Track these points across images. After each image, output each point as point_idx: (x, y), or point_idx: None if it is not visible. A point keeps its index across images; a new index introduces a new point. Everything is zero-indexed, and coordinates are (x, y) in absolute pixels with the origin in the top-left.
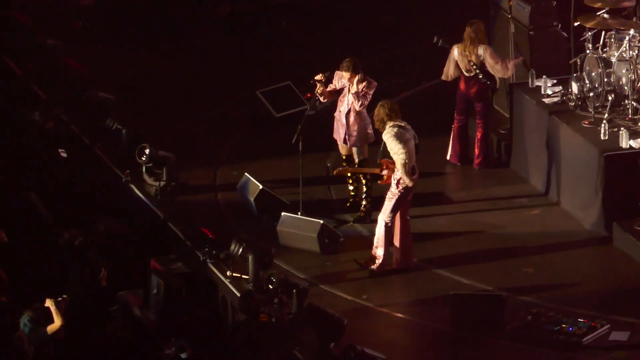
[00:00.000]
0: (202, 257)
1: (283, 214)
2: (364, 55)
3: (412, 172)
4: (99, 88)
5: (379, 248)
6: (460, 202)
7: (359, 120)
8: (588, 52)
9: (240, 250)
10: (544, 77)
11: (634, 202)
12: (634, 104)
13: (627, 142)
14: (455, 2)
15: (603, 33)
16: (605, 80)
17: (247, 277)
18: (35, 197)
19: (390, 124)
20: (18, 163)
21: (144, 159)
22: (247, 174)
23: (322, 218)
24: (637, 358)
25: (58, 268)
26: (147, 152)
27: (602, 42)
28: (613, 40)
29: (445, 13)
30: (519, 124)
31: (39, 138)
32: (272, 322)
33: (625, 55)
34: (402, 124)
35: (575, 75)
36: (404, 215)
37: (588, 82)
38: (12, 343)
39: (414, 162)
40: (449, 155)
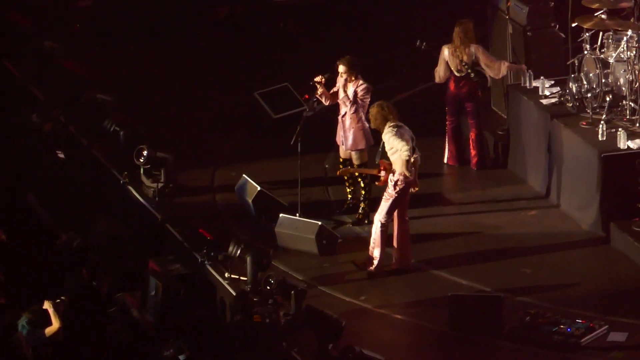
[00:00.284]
0: (200, 258)
1: (281, 216)
2: (362, 56)
3: (409, 170)
4: (97, 89)
5: (376, 249)
6: (458, 203)
7: (355, 124)
8: (586, 53)
9: (239, 252)
10: (542, 78)
11: (632, 202)
12: (632, 105)
13: (625, 142)
14: (454, 2)
15: (601, 34)
16: (603, 81)
17: (245, 278)
18: (34, 198)
19: (390, 124)
20: (16, 164)
21: (142, 161)
22: (245, 176)
23: (320, 219)
24: (635, 359)
25: (56, 270)
26: (145, 153)
27: (599, 43)
28: (611, 41)
29: (444, 14)
30: (517, 125)
31: (37, 140)
32: (265, 322)
33: (623, 56)
34: (400, 124)
35: (573, 76)
36: (402, 216)
37: (586, 83)
38: (10, 345)
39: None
40: (446, 158)
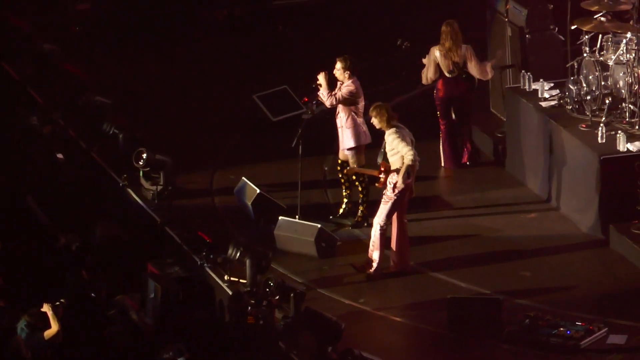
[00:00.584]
0: (199, 261)
1: (280, 218)
2: (361, 58)
3: (407, 175)
4: (96, 92)
5: (375, 251)
6: (457, 205)
7: (344, 122)
8: (585, 55)
9: (238, 254)
10: (541, 80)
11: (631, 205)
12: (631, 107)
13: (624, 145)
14: (452, 5)
15: (600, 36)
16: (603, 84)
17: (244, 281)
18: (32, 200)
19: (393, 125)
20: (15, 167)
21: (141, 163)
22: (244, 178)
23: (319, 222)
24: None
25: (55, 272)
26: (144, 156)
27: (599, 45)
28: (610, 44)
29: (442, 16)
30: (516, 128)
31: (37, 142)
32: (259, 324)
33: (622, 59)
34: (402, 126)
35: (572, 79)
36: (401, 219)
37: (585, 85)
38: (9, 348)
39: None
40: (443, 162)
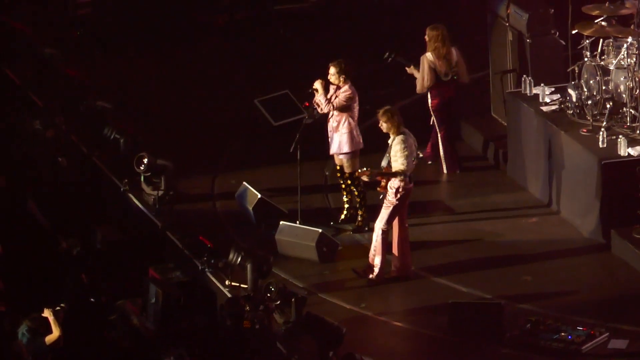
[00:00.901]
0: (200, 266)
1: (281, 223)
2: (362, 63)
3: (408, 180)
4: (97, 97)
5: (377, 256)
6: (459, 210)
7: (340, 127)
8: (586, 59)
9: (239, 259)
10: (542, 85)
11: (632, 209)
12: (632, 112)
13: (625, 150)
14: (452, 10)
15: (601, 41)
16: (604, 88)
17: (245, 286)
18: (34, 205)
19: (402, 131)
20: (17, 170)
21: (142, 168)
22: (245, 183)
23: (320, 227)
24: None
25: (56, 277)
26: (145, 161)
27: (600, 49)
28: (611, 48)
29: (443, 21)
30: (517, 132)
31: (39, 146)
32: (255, 328)
33: (623, 63)
34: (408, 132)
35: (573, 83)
36: (402, 223)
37: (586, 90)
38: (10, 353)
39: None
40: (446, 168)
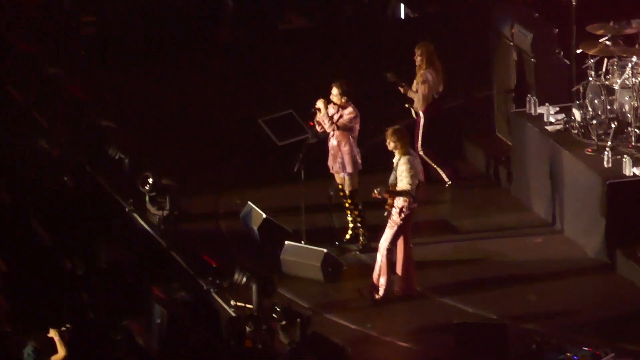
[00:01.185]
0: (205, 285)
1: (286, 243)
2: (365, 82)
3: (412, 200)
4: (102, 116)
5: (381, 276)
6: (463, 230)
7: (342, 147)
8: (590, 79)
9: (244, 279)
10: (547, 104)
11: (637, 229)
12: (637, 132)
13: (630, 169)
14: (455, 29)
15: (605, 60)
16: (608, 108)
17: (250, 306)
18: (38, 225)
19: (408, 151)
20: (22, 190)
21: (147, 188)
22: (250, 203)
23: (325, 246)
24: None
25: (61, 297)
26: (150, 180)
27: (604, 69)
28: (615, 68)
29: (446, 40)
30: (521, 152)
31: (45, 165)
32: (257, 347)
33: (628, 83)
34: (414, 153)
35: (578, 103)
36: (407, 243)
37: (591, 109)
38: None
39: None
40: (448, 178)
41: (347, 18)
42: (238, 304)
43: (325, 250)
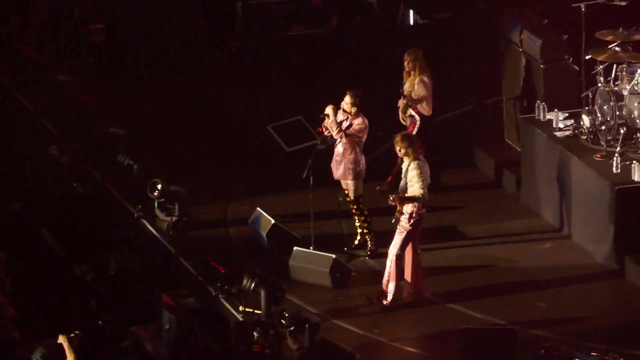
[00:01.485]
0: (214, 292)
1: (295, 249)
2: (375, 89)
3: (421, 205)
4: (110, 123)
5: (390, 282)
6: (472, 235)
7: (347, 155)
8: (599, 85)
9: (252, 285)
10: (556, 110)
11: None
12: None
13: (639, 175)
14: (465, 36)
15: (614, 66)
16: (617, 114)
17: (259, 312)
18: (47, 232)
19: (415, 156)
20: (32, 197)
21: (156, 194)
22: (259, 209)
23: (334, 252)
24: None
25: (70, 304)
26: (158, 187)
27: (613, 75)
28: (624, 74)
29: (456, 47)
30: (530, 158)
31: (54, 172)
32: (265, 352)
33: (637, 89)
34: (423, 159)
35: (587, 109)
36: (415, 249)
37: (600, 115)
38: None
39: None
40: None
41: (356, 25)
42: (246, 310)
43: (334, 256)
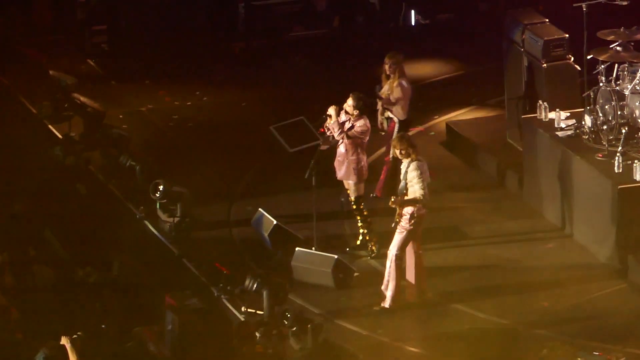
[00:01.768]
0: (216, 292)
1: (297, 249)
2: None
3: (422, 206)
4: (113, 124)
5: (390, 282)
6: (475, 235)
7: (349, 156)
8: (601, 85)
9: (255, 286)
10: (558, 110)
11: None
12: None
13: None
14: (468, 36)
15: (616, 66)
16: (619, 113)
17: (261, 312)
18: (50, 233)
19: (415, 157)
20: (35, 198)
21: (158, 195)
22: (261, 209)
23: (336, 253)
24: None
25: (73, 305)
26: (161, 188)
27: (615, 75)
28: (626, 73)
29: (458, 47)
30: (533, 157)
31: (58, 173)
32: (268, 352)
33: (639, 88)
34: (422, 159)
35: (589, 108)
36: (416, 250)
37: (601, 115)
38: None
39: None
40: (379, 192)
41: (359, 25)
42: (249, 310)
43: (337, 257)
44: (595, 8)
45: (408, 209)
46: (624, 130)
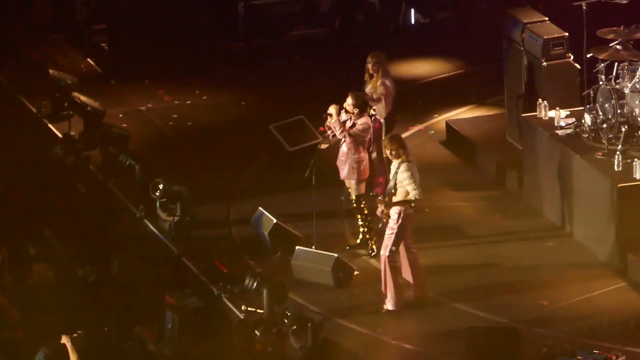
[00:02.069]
0: (216, 291)
1: (297, 248)
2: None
3: (409, 205)
4: (113, 124)
5: (389, 284)
6: (474, 234)
7: (351, 155)
8: (601, 83)
9: (255, 285)
10: (557, 108)
11: None
12: None
13: None
14: (468, 35)
15: (616, 64)
16: (619, 112)
17: (261, 311)
18: (50, 232)
19: (406, 158)
20: (35, 197)
21: (158, 194)
22: (261, 208)
23: (336, 252)
24: None
25: (73, 304)
26: (160, 187)
27: (614, 73)
28: (626, 72)
29: (458, 46)
30: (532, 156)
31: (58, 172)
32: (267, 351)
33: (639, 87)
34: (413, 160)
35: (588, 107)
36: (409, 249)
37: (601, 113)
38: None
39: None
40: (378, 191)
41: (359, 25)
42: (249, 309)
43: (336, 255)
44: (595, 7)
45: (395, 209)
46: (624, 129)
